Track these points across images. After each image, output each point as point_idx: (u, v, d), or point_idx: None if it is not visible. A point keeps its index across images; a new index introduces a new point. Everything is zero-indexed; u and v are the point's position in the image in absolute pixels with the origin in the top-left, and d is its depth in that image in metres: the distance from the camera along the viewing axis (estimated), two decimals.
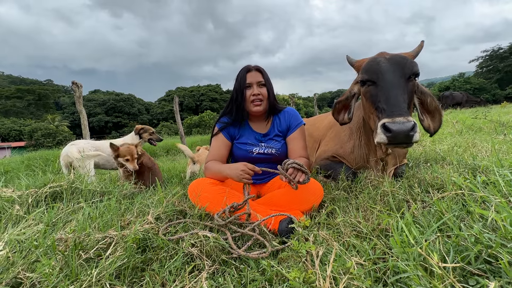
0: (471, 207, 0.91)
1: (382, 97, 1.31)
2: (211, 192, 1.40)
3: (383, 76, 1.35)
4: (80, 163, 2.83)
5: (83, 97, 4.96)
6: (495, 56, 37.95)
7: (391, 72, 1.34)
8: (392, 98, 1.27)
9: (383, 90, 1.32)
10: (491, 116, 4.16)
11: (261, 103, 1.63)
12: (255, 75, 1.62)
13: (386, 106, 1.27)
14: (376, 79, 1.37)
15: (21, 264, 0.94)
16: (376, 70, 1.38)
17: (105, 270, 0.89)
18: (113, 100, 50.11)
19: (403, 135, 1.17)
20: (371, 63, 1.43)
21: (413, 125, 1.18)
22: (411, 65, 1.36)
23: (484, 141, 2.58)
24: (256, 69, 1.64)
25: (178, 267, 0.95)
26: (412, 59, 1.42)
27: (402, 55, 1.42)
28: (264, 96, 1.63)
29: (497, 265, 0.65)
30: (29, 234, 1.14)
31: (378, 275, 0.74)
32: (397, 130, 1.17)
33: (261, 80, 1.62)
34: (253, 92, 1.60)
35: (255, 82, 1.61)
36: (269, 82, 1.65)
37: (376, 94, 1.36)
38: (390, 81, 1.32)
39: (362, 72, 1.45)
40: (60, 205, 1.48)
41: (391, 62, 1.38)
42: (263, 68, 1.67)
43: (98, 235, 1.07)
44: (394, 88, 1.30)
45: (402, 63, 1.36)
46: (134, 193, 1.96)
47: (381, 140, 1.23)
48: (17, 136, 32.88)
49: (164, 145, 10.10)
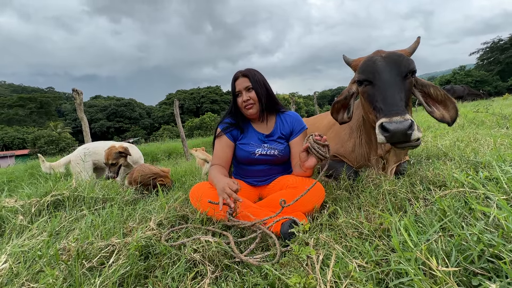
0: (473, 204, 0.90)
1: (379, 97, 1.31)
2: (211, 196, 1.40)
3: (380, 76, 1.35)
4: (74, 170, 2.88)
5: (84, 103, 4.99)
6: (496, 48, 37.66)
7: (388, 71, 1.34)
8: (389, 97, 1.27)
9: (380, 90, 1.32)
10: (492, 109, 4.13)
11: (252, 106, 1.64)
12: (242, 81, 1.64)
13: (383, 105, 1.27)
14: (372, 78, 1.37)
15: (25, 275, 0.95)
16: (372, 70, 1.38)
17: (108, 278, 0.90)
18: (114, 105, 50.41)
19: (400, 134, 1.18)
20: (367, 62, 1.42)
21: (410, 124, 1.18)
22: (407, 63, 1.36)
23: (487, 135, 2.56)
24: (243, 75, 1.65)
25: (180, 273, 0.95)
26: (408, 57, 1.41)
27: (398, 53, 1.42)
28: (254, 99, 1.63)
29: (500, 264, 0.64)
30: (32, 244, 1.15)
31: (380, 277, 0.74)
32: (394, 130, 1.18)
33: (248, 85, 1.63)
34: (243, 99, 1.63)
35: (242, 88, 1.64)
36: (259, 84, 1.64)
37: (373, 93, 1.36)
38: (387, 80, 1.32)
39: (359, 72, 1.45)
40: (63, 214, 1.49)
41: (387, 61, 1.37)
42: (251, 71, 1.67)
43: (101, 243, 1.08)
44: (390, 87, 1.30)
45: (398, 61, 1.36)
46: (136, 199, 1.97)
47: (380, 140, 1.24)
48: (20, 144, 33.17)
49: (166, 148, 10.14)
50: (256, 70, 1.70)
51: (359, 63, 1.51)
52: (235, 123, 1.71)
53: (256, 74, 1.66)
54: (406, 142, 1.21)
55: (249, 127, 1.73)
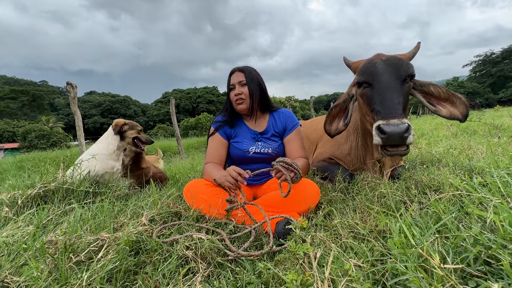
0: (469, 208, 0.90)
1: (377, 99, 1.32)
2: (206, 193, 1.38)
3: (379, 78, 1.35)
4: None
5: (78, 98, 4.90)
6: (488, 61, 38.64)
7: (387, 74, 1.35)
8: (388, 100, 1.28)
9: (379, 92, 1.33)
10: (485, 119, 4.21)
11: (243, 101, 1.63)
12: (237, 75, 1.65)
13: (381, 108, 1.28)
14: (372, 81, 1.38)
15: (9, 267, 0.91)
16: (372, 72, 1.39)
17: (96, 273, 0.86)
18: (109, 102, 49.81)
19: (397, 137, 1.18)
20: (368, 65, 1.43)
21: (407, 127, 1.19)
22: (406, 67, 1.37)
23: (479, 143, 2.60)
24: (239, 70, 1.66)
25: (172, 270, 0.93)
26: (408, 61, 1.42)
27: (398, 57, 1.43)
28: (246, 95, 1.63)
29: (497, 266, 0.64)
30: (17, 236, 1.10)
31: (377, 277, 0.73)
32: (391, 132, 1.18)
33: (242, 80, 1.63)
34: (235, 92, 1.63)
35: (236, 82, 1.64)
36: (254, 81, 1.64)
37: (372, 96, 1.36)
38: (386, 83, 1.33)
39: (359, 74, 1.46)
40: (51, 207, 1.44)
41: (387, 64, 1.38)
42: (248, 68, 1.67)
43: (90, 237, 1.04)
44: (389, 90, 1.31)
45: (398, 65, 1.37)
46: (128, 194, 1.93)
47: (377, 142, 1.24)
48: (10, 137, 32.39)
49: (160, 146, 10.03)
50: (254, 68, 1.70)
51: (359, 65, 1.51)
52: (227, 120, 1.70)
53: (252, 72, 1.66)
54: (401, 146, 1.22)
55: (242, 125, 1.72)
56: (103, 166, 1.89)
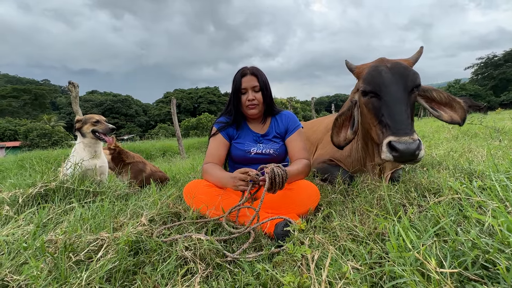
0: (468, 211, 0.90)
1: (385, 112, 1.28)
2: (206, 194, 1.38)
3: (387, 89, 1.31)
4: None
5: (80, 97, 4.92)
6: (490, 63, 38.55)
7: (395, 84, 1.31)
8: (397, 114, 1.25)
9: (387, 104, 1.29)
10: (486, 122, 4.20)
11: (255, 106, 1.62)
12: (250, 79, 1.61)
13: (390, 122, 1.25)
14: (379, 91, 1.33)
15: (9, 266, 0.91)
16: (379, 82, 1.34)
17: (96, 273, 0.87)
18: (111, 101, 49.94)
19: (409, 155, 1.16)
20: (373, 73, 1.38)
21: (419, 144, 1.17)
22: (414, 77, 1.33)
23: (480, 146, 2.59)
24: (252, 73, 1.62)
25: (171, 270, 0.93)
26: (414, 70, 1.38)
27: (403, 65, 1.38)
28: (259, 101, 1.62)
29: (494, 270, 0.64)
30: (18, 235, 1.11)
31: (375, 280, 0.73)
32: (403, 150, 1.16)
33: (256, 85, 1.60)
34: (248, 98, 1.60)
35: (250, 87, 1.60)
36: (265, 85, 1.63)
37: (379, 107, 1.32)
38: (394, 95, 1.29)
39: (364, 82, 1.41)
40: (51, 206, 1.45)
41: (393, 73, 1.34)
42: (259, 71, 1.65)
43: (90, 237, 1.05)
44: (398, 103, 1.27)
45: (405, 75, 1.33)
46: (128, 194, 1.93)
47: (387, 158, 1.22)
48: (11, 136, 32.50)
49: (160, 146, 10.06)
50: (261, 70, 1.68)
51: (362, 71, 1.48)
52: (230, 122, 1.69)
53: (263, 76, 1.65)
54: (412, 160, 1.20)
55: (245, 127, 1.72)
56: (85, 163, 2.03)
